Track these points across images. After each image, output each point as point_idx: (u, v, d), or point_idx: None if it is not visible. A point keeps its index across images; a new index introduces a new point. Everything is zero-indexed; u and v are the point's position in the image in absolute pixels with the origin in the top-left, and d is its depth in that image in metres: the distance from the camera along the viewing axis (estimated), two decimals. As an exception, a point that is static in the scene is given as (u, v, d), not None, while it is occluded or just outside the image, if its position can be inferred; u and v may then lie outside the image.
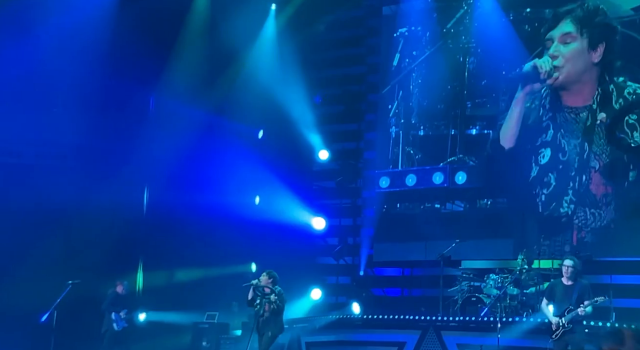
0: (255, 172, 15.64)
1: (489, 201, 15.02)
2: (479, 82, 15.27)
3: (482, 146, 15.05)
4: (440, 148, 15.36)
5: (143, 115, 15.26)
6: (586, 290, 10.34)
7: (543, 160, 14.18)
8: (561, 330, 10.23)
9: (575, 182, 13.82)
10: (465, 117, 15.40)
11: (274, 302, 11.49)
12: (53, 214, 13.54)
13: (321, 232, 16.18)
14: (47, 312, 11.95)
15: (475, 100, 15.32)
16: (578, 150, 13.90)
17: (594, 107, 13.85)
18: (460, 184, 15.02)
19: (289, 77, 15.65)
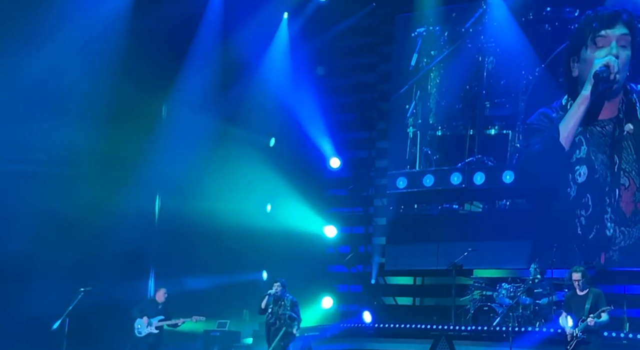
0: (266, 180, 15.65)
1: (508, 202, 14.93)
2: (497, 82, 15.19)
3: (500, 146, 14.92)
4: (458, 148, 15.30)
5: (155, 123, 15.31)
6: (599, 298, 10.29)
7: (580, 178, 13.97)
8: (575, 340, 10.19)
9: (612, 198, 13.64)
10: (484, 117, 15.35)
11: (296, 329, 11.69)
12: (66, 221, 13.58)
13: (333, 240, 16.17)
14: (59, 319, 11.97)
15: (494, 100, 15.25)
16: (608, 164, 13.72)
17: (620, 116, 13.68)
18: (479, 184, 14.99)
19: (300, 85, 15.67)
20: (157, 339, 12.68)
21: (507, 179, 14.74)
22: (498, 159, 14.97)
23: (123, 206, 13.83)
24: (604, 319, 10.11)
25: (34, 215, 13.32)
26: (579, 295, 10.39)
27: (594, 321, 10.02)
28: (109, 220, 13.58)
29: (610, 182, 13.62)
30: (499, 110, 15.18)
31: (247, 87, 15.59)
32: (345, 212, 16.49)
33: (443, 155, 15.49)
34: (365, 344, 13.28)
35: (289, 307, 12.02)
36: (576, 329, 10.17)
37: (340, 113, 16.39)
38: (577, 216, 13.91)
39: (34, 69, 13.42)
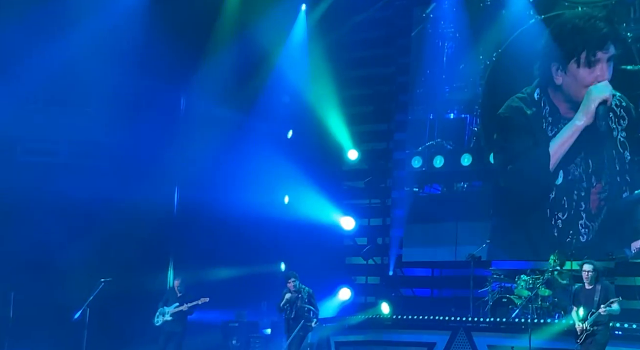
0: (284, 172, 15.67)
1: (466, 184, 15.26)
2: (457, 67, 15.45)
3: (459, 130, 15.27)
4: (420, 132, 15.65)
5: (174, 115, 15.37)
6: (609, 291, 10.28)
7: (558, 179, 14.12)
8: (584, 334, 10.19)
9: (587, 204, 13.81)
10: (444, 101, 15.59)
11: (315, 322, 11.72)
12: (86, 212, 13.68)
13: (350, 232, 16.18)
14: (80, 310, 12.10)
15: (453, 84, 15.52)
16: (583, 166, 13.88)
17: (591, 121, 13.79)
18: (438, 167, 15.32)
19: (319, 77, 15.67)
20: (172, 326, 12.67)
21: (465, 161, 15.09)
22: (456, 143, 15.30)
23: (142, 197, 13.90)
24: (615, 308, 10.09)
25: (55, 206, 13.42)
26: (588, 289, 10.37)
27: (605, 310, 10.01)
28: (129, 211, 13.66)
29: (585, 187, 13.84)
30: (458, 94, 15.44)
31: (265, 79, 15.60)
32: (363, 204, 16.50)
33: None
34: (383, 335, 13.30)
35: (306, 299, 12.03)
36: (586, 322, 10.16)
37: (358, 105, 16.37)
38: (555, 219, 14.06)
39: (54, 61, 13.50)
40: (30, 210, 13.35)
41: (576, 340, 10.29)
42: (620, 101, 13.61)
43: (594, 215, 13.72)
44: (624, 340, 10.89)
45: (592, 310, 10.15)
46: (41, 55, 13.50)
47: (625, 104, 13.58)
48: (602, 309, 10.01)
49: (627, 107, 13.56)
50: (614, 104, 13.60)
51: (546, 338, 11.36)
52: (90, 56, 13.82)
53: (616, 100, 13.61)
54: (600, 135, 13.66)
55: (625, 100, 13.59)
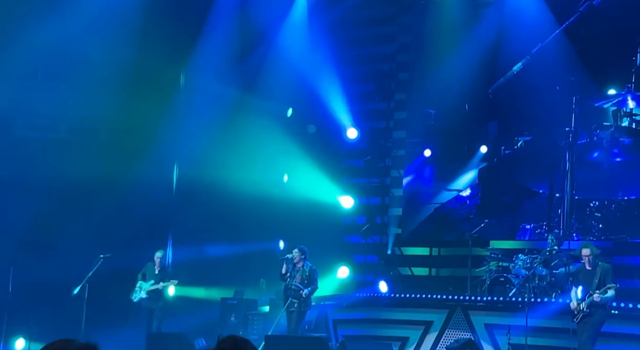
0: (283, 150, 15.64)
1: None
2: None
3: None
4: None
5: (174, 92, 15.32)
6: (607, 273, 10.34)
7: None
8: (580, 314, 10.26)
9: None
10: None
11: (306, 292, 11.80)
12: (85, 189, 13.66)
13: (349, 210, 16.18)
14: (79, 285, 12.16)
15: None
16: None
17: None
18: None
19: (319, 55, 15.59)
20: (150, 303, 12.76)
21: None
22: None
23: (141, 174, 13.89)
24: (610, 295, 10.18)
25: (54, 182, 13.40)
26: (588, 269, 10.44)
27: (600, 297, 10.09)
28: (128, 188, 13.65)
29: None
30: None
31: (265, 56, 15.52)
32: (362, 183, 16.48)
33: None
34: (381, 313, 13.36)
35: (307, 273, 12.13)
36: (583, 302, 10.23)
37: (358, 83, 16.31)
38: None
39: (53, 37, 13.42)
40: (29, 185, 13.34)
41: (573, 319, 10.36)
42: None
43: None
44: (621, 320, 10.94)
45: (590, 292, 10.19)
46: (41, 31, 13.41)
47: None
48: (597, 296, 10.08)
49: None
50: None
51: (543, 317, 11.41)
52: (90, 32, 13.73)
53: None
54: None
55: None
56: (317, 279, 12.31)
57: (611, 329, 10.83)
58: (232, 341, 2.81)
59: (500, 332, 11.60)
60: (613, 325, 10.88)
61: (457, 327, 12.39)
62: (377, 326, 13.27)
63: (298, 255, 12.18)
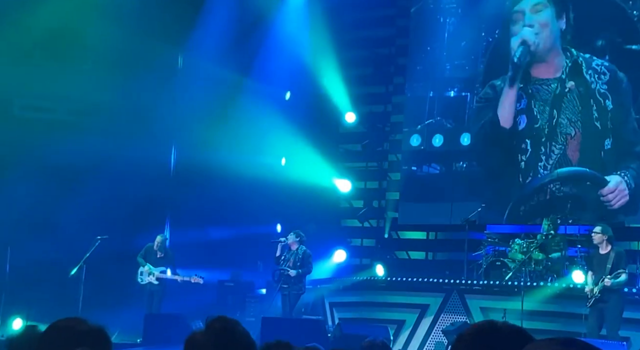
0: (281, 133, 15.63)
1: (465, 164, 15.15)
2: (458, 44, 15.33)
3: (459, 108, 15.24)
4: (419, 110, 15.50)
5: (172, 74, 15.28)
6: (621, 257, 10.33)
7: (520, 126, 14.35)
8: (594, 298, 10.27)
9: (547, 148, 14.02)
10: (444, 79, 15.48)
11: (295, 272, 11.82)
12: (83, 169, 13.65)
13: (346, 194, 16.21)
14: (77, 266, 12.19)
15: (454, 62, 15.38)
16: (547, 118, 14.05)
17: (562, 77, 14.02)
18: (437, 146, 15.13)
19: (317, 38, 15.55)
20: (157, 288, 12.87)
21: (465, 141, 14.96)
22: (456, 121, 15.18)
23: (139, 156, 13.87)
24: (621, 280, 10.16)
25: (52, 162, 13.38)
26: (602, 254, 10.42)
27: (610, 282, 10.08)
28: (125, 169, 13.63)
29: (547, 133, 14.05)
30: (459, 72, 15.30)
31: (263, 39, 15.48)
32: (360, 167, 16.51)
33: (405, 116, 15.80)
34: (378, 296, 13.42)
35: (300, 256, 12.14)
36: (596, 287, 10.24)
37: (357, 67, 16.28)
38: (518, 162, 14.32)
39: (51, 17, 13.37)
40: (27, 166, 13.32)
41: (586, 303, 10.38)
42: (602, 63, 13.73)
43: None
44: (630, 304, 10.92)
45: (603, 277, 10.21)
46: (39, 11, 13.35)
47: (608, 65, 13.68)
48: (608, 281, 10.08)
49: (609, 67, 13.64)
50: (595, 64, 13.75)
51: (538, 301, 11.46)
52: (88, 13, 13.68)
53: (597, 62, 13.74)
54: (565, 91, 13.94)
55: (606, 67, 13.70)
56: (310, 263, 12.30)
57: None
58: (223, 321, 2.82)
59: (496, 315, 11.64)
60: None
61: (453, 311, 12.45)
62: (373, 309, 13.33)
63: (293, 238, 12.20)
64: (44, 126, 14.14)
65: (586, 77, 13.79)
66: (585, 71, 13.83)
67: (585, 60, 13.89)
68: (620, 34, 13.71)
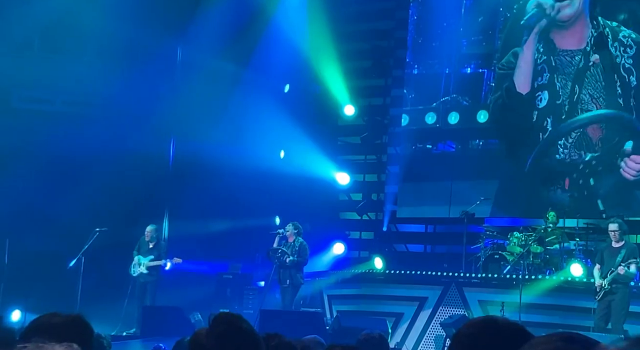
0: (280, 126, 15.61)
1: (481, 142, 14.97)
2: (475, 19, 15.06)
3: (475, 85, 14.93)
4: (434, 87, 15.26)
5: (170, 66, 15.25)
6: (633, 251, 10.32)
7: (541, 104, 14.08)
8: (602, 291, 10.27)
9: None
10: (460, 55, 15.26)
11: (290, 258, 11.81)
12: (80, 161, 13.64)
13: (345, 187, 16.21)
14: (75, 258, 12.19)
15: (471, 38, 15.12)
16: (568, 94, 13.75)
17: (587, 49, 13.66)
18: (453, 124, 14.99)
19: (316, 31, 15.52)
20: (148, 278, 12.78)
21: (481, 118, 14.76)
22: (473, 99, 14.97)
23: (138, 148, 13.86)
24: (633, 270, 10.15)
25: (51, 154, 13.38)
26: (614, 247, 10.40)
27: (624, 270, 10.05)
28: (124, 161, 13.63)
29: (567, 110, 13.75)
30: (476, 48, 15.07)
31: (262, 31, 15.45)
32: (359, 160, 16.50)
33: (418, 94, 15.46)
34: (376, 289, 13.44)
35: (297, 248, 12.14)
36: (605, 280, 10.23)
37: (355, 60, 16.25)
38: (539, 141, 14.05)
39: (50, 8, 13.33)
40: (25, 157, 13.31)
41: (595, 297, 10.38)
42: (629, 34, 13.33)
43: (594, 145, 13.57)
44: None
45: (612, 269, 10.20)
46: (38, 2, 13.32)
47: (634, 37, 13.27)
48: (621, 269, 10.06)
49: (636, 40, 13.25)
50: (621, 36, 13.35)
51: (537, 294, 11.48)
52: (87, 4, 13.65)
53: (624, 33, 13.34)
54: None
55: (633, 39, 13.28)
56: (307, 254, 12.32)
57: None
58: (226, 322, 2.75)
59: (494, 308, 11.66)
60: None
61: (451, 304, 12.46)
62: (371, 302, 13.35)
63: (291, 230, 12.22)
64: (43, 118, 14.12)
65: (611, 50, 13.38)
66: (611, 43, 13.41)
67: (611, 30, 13.43)
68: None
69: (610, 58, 13.39)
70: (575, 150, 13.69)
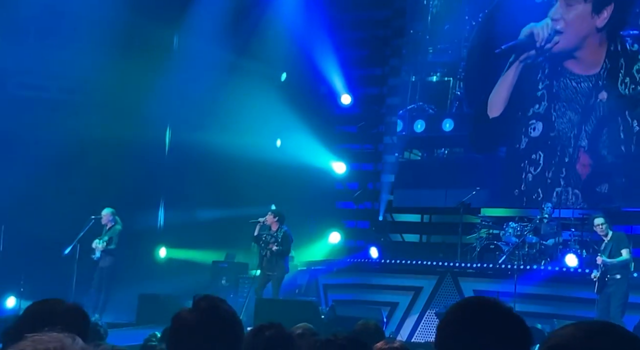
0: (277, 115, 15.58)
1: (446, 151, 15.04)
2: (441, 27, 15.04)
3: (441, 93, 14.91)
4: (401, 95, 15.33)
5: (167, 54, 15.20)
6: (620, 239, 10.38)
7: (534, 133, 13.91)
8: (597, 283, 10.32)
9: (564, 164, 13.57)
10: (426, 63, 15.29)
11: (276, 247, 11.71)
12: (76, 149, 13.62)
13: (341, 176, 16.20)
14: (70, 246, 12.15)
15: (437, 46, 15.12)
16: (570, 127, 13.53)
17: (599, 83, 13.32)
18: (419, 132, 15.01)
19: (313, 19, 15.47)
20: (102, 262, 12.30)
21: (447, 127, 14.81)
22: (438, 107, 14.93)
23: (134, 136, 13.83)
24: (622, 258, 10.16)
25: (47, 142, 13.35)
26: (606, 241, 10.46)
27: (602, 260, 10.11)
28: (120, 149, 13.60)
29: (566, 145, 13.55)
30: (442, 56, 15.05)
31: (259, 19, 15.40)
32: (355, 149, 16.49)
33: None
34: (371, 278, 13.44)
35: (280, 239, 11.94)
36: (597, 272, 10.29)
37: (352, 49, 16.21)
38: (525, 169, 13.88)
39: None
40: (21, 144, 13.28)
41: (594, 290, 10.41)
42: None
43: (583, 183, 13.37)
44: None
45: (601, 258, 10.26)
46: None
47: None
48: (599, 259, 10.12)
49: None
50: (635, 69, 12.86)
51: (531, 284, 11.51)
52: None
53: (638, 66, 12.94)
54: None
55: None
56: (289, 244, 12.01)
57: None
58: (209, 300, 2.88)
59: (489, 298, 11.67)
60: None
61: (446, 293, 12.47)
62: (367, 291, 13.36)
63: (271, 218, 12.01)
64: (38, 105, 14.08)
65: (620, 88, 13.02)
66: (621, 79, 13.02)
67: (627, 59, 12.92)
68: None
69: (617, 98, 13.04)
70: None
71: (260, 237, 12.10)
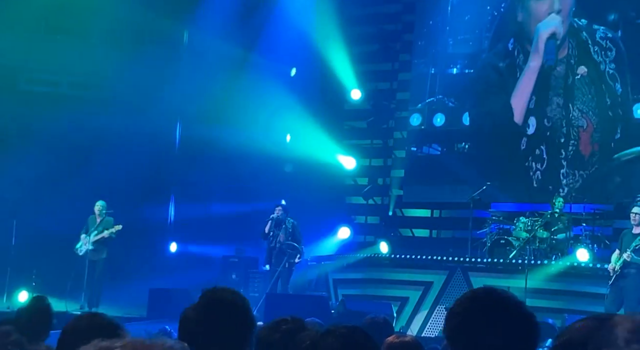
0: (286, 110, 15.59)
1: (467, 145, 14.77)
2: (462, 18, 14.76)
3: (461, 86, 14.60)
4: (419, 88, 15.10)
5: (177, 49, 15.22)
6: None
7: (529, 130, 13.76)
8: (614, 275, 10.26)
9: (567, 150, 13.47)
10: (446, 54, 15.02)
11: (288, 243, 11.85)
12: (87, 144, 13.67)
13: (351, 171, 16.20)
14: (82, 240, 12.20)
15: (457, 37, 14.82)
16: (563, 112, 13.42)
17: (571, 62, 13.27)
18: (438, 126, 14.83)
19: (323, 14, 15.45)
20: (94, 255, 12.30)
21: (467, 120, 14.55)
22: (459, 100, 14.65)
23: (144, 131, 13.87)
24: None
25: (58, 137, 13.40)
26: (633, 233, 10.37)
27: (630, 256, 10.03)
28: (131, 144, 13.65)
29: (565, 132, 13.44)
30: (462, 47, 14.76)
31: (269, 14, 15.39)
32: (365, 144, 16.48)
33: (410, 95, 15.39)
34: (381, 273, 13.44)
35: (290, 230, 12.13)
36: (617, 263, 10.22)
37: (362, 44, 16.18)
38: (532, 168, 13.75)
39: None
40: (32, 139, 13.34)
41: (608, 281, 10.36)
42: (605, 33, 13.12)
43: (586, 162, 13.36)
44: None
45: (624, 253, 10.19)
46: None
47: (611, 36, 13.02)
48: (627, 255, 10.05)
49: (613, 39, 13.02)
50: (599, 37, 13.09)
51: (542, 279, 11.47)
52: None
53: (600, 33, 13.13)
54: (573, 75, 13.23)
55: (611, 32, 13.05)
56: (301, 233, 12.38)
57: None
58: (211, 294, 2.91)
59: (499, 293, 11.63)
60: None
61: (456, 288, 12.44)
62: (377, 286, 13.36)
63: (281, 213, 12.25)
64: (50, 100, 14.13)
65: (594, 57, 13.16)
66: (592, 49, 13.21)
67: (588, 33, 13.12)
68: (634, 8, 13.12)
69: (595, 66, 13.05)
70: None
71: (268, 233, 12.24)
